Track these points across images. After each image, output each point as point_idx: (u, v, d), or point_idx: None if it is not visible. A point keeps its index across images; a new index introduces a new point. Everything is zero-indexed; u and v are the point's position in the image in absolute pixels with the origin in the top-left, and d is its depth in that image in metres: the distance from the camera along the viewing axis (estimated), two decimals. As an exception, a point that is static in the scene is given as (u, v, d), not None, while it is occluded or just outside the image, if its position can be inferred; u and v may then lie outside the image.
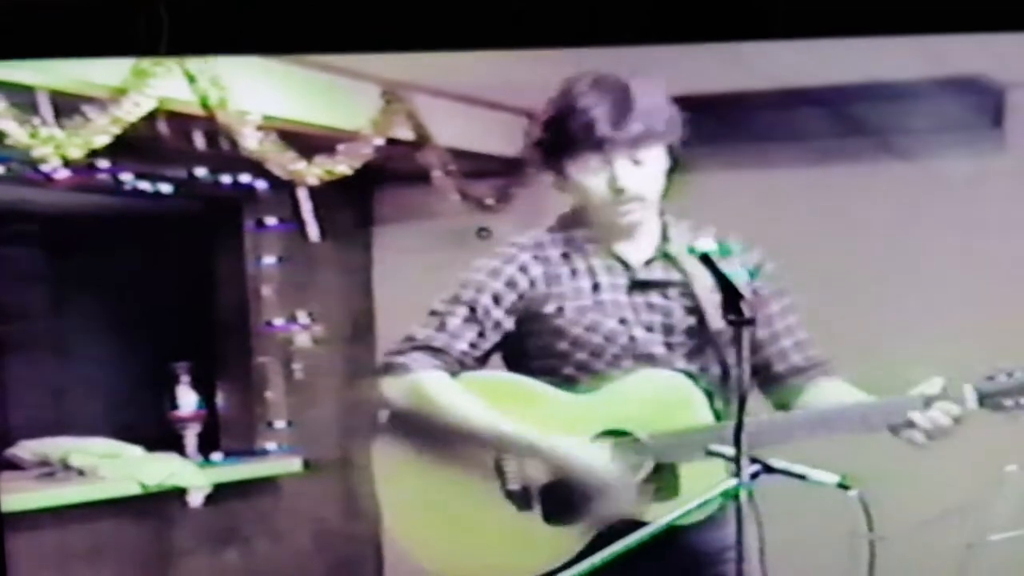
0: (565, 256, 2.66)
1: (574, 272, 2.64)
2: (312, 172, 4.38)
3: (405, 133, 4.67)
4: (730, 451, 2.31)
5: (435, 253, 5.17)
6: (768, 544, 2.67)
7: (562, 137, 2.60)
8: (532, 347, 2.65)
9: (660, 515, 2.42)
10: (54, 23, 2.96)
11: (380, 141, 4.55)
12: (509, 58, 3.83)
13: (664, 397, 2.59)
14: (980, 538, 3.46)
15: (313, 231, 4.78)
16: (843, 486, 2.39)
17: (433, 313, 2.65)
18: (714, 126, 4.50)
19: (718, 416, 2.59)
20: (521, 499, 2.62)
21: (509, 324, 2.64)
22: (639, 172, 2.60)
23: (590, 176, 2.60)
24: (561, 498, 2.59)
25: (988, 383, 2.56)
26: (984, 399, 2.54)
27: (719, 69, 4.13)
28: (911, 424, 2.55)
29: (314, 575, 5.16)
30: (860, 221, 4.76)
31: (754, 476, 2.34)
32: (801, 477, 2.48)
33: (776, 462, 2.43)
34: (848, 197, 4.81)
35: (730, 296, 2.34)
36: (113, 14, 2.97)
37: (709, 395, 2.60)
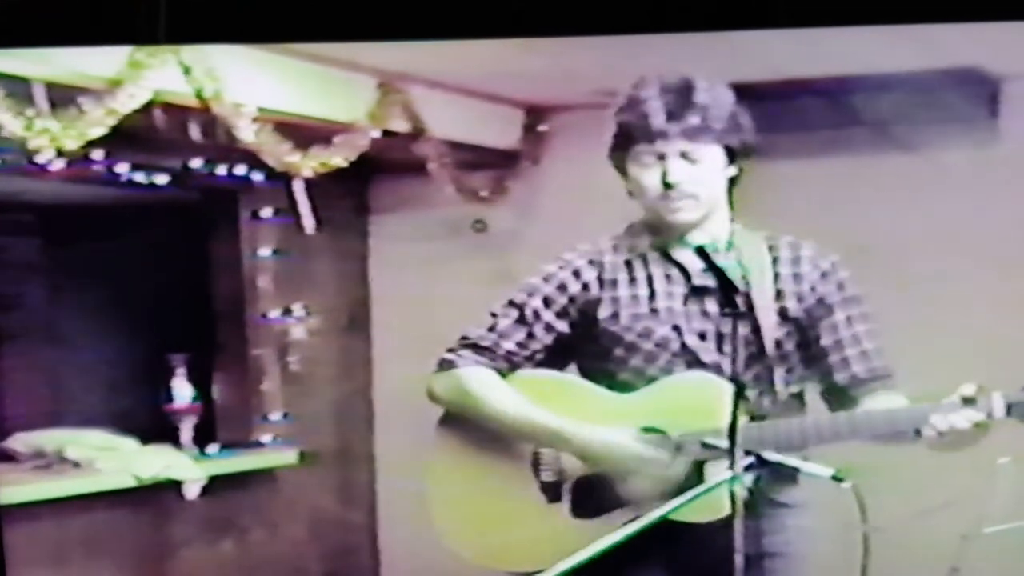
0: (627, 263, 2.70)
1: (632, 280, 2.69)
2: (308, 164, 4.38)
3: (401, 125, 4.67)
4: (724, 443, 2.32)
5: (431, 245, 5.19)
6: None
7: (622, 131, 2.65)
8: (592, 352, 2.71)
9: (684, 513, 2.45)
10: (53, 11, 2.97)
11: (376, 133, 4.55)
12: (505, 49, 3.84)
13: (701, 399, 2.61)
14: (974, 530, 3.46)
15: (309, 223, 4.79)
16: (837, 478, 2.41)
17: (491, 315, 2.75)
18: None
19: (753, 419, 2.60)
20: (552, 492, 2.69)
21: (562, 327, 2.72)
22: (692, 169, 2.62)
23: (645, 172, 2.63)
24: (591, 491, 2.66)
25: (1021, 392, 2.53)
26: (1013, 408, 2.53)
27: (718, 60, 4.13)
28: (929, 425, 2.54)
29: (310, 566, 5.17)
30: (858, 211, 4.77)
31: (748, 468, 2.35)
32: (795, 470, 2.49)
33: (771, 455, 2.45)
34: (846, 187, 4.82)
35: (725, 289, 2.37)
36: (112, 2, 2.98)
37: (748, 401, 2.59)
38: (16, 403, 4.72)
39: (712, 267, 2.42)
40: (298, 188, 4.67)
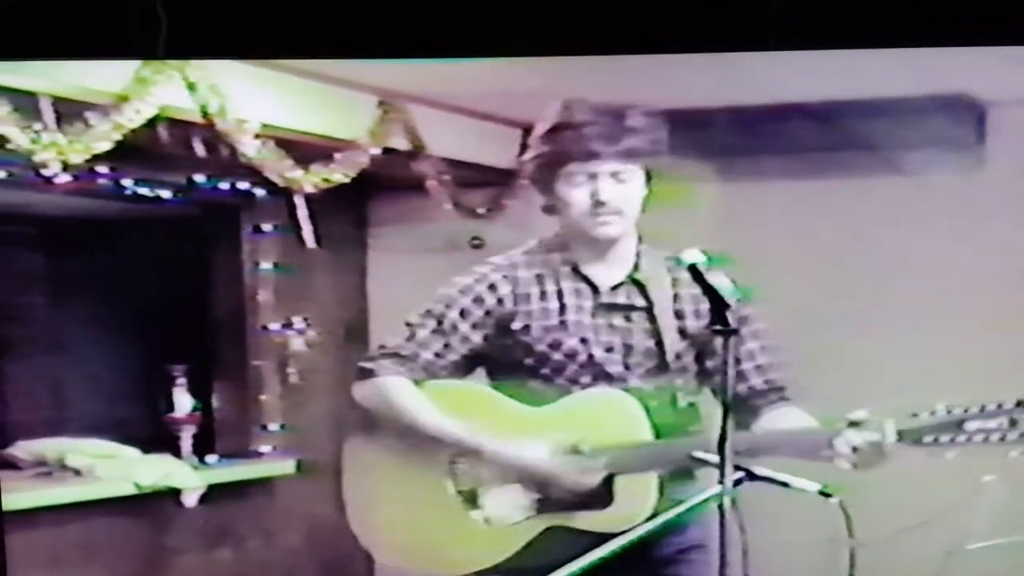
0: (538, 277, 2.80)
1: (543, 294, 2.79)
2: (309, 180, 4.43)
3: (401, 142, 4.73)
4: (714, 458, 2.38)
5: (428, 259, 5.23)
6: (750, 549, 2.76)
7: (556, 150, 2.74)
8: (504, 361, 2.80)
9: (592, 522, 2.61)
10: (52, 24, 3.01)
11: (376, 150, 4.60)
12: (504, 70, 3.90)
13: (610, 413, 2.72)
14: (958, 546, 3.51)
15: (309, 237, 4.83)
16: (824, 493, 2.46)
17: (407, 325, 2.82)
18: (707, 138, 4.57)
19: (658, 434, 2.70)
20: (469, 499, 2.77)
21: (477, 338, 2.80)
22: (620, 188, 2.73)
23: (574, 190, 2.73)
24: (507, 499, 2.74)
25: (909, 419, 2.63)
26: (903, 434, 2.61)
27: (713, 83, 4.19)
28: (834, 450, 2.62)
29: (305, 574, 5.20)
30: (850, 233, 4.82)
31: (737, 483, 2.40)
32: (784, 484, 2.54)
33: (760, 469, 2.49)
34: (836, 209, 4.87)
35: (716, 306, 2.42)
36: (112, 15, 3.02)
37: (652, 414, 2.70)
38: (19, 411, 4.74)
39: (704, 285, 2.48)
40: (299, 203, 4.71)
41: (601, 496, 2.69)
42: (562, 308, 2.77)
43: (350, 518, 2.86)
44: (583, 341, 2.75)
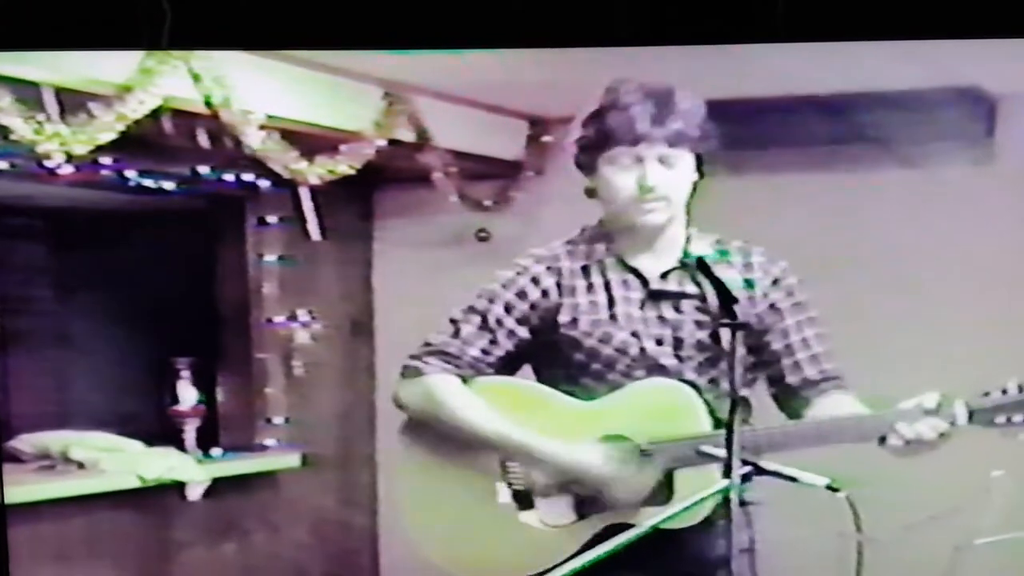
0: (584, 269, 2.73)
1: (590, 286, 2.72)
2: (314, 172, 4.43)
3: (406, 134, 4.72)
4: (721, 452, 2.36)
5: (434, 252, 5.23)
6: (758, 544, 2.75)
7: (601, 132, 2.67)
8: (552, 358, 2.73)
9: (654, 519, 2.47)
10: (56, 15, 3.01)
11: (382, 142, 4.60)
12: (510, 61, 3.89)
13: (665, 405, 2.66)
14: (967, 541, 3.50)
15: (314, 230, 4.83)
16: (832, 488, 2.45)
17: (451, 321, 2.75)
18: (719, 131, 4.56)
19: (717, 424, 2.64)
20: (523, 500, 2.70)
21: (523, 333, 2.73)
22: (668, 173, 2.66)
23: (621, 173, 2.66)
24: (562, 500, 2.68)
25: (981, 399, 2.60)
26: (975, 415, 2.59)
27: (721, 75, 4.17)
28: (895, 432, 2.60)
29: (311, 568, 5.20)
30: (859, 226, 4.81)
31: (745, 477, 2.39)
32: (791, 479, 2.53)
33: (767, 464, 2.49)
34: (848, 202, 4.86)
35: (724, 300, 2.41)
36: (117, 6, 3.02)
37: (710, 405, 2.65)
38: (22, 404, 4.75)
39: (712, 278, 2.46)
40: (304, 195, 4.71)
41: (661, 492, 2.64)
42: (610, 301, 2.70)
43: (399, 525, 2.78)
44: (634, 335, 2.68)
